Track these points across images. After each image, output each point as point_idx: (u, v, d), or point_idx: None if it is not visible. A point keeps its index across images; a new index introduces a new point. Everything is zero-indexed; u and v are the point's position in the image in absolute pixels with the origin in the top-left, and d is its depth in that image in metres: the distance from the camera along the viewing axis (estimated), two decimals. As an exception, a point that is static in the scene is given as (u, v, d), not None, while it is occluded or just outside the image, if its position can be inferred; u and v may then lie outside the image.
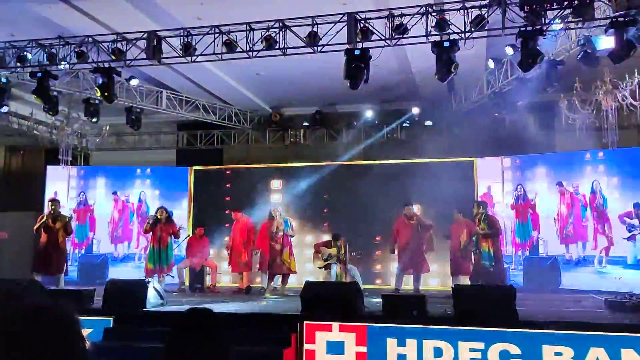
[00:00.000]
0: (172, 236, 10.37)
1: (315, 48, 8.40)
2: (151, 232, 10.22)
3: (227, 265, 11.47)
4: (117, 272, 12.26)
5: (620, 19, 7.23)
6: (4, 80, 9.84)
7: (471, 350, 6.09)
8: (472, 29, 7.81)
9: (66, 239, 10.00)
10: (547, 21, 7.58)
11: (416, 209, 11.05)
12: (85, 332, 1.16)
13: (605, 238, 10.44)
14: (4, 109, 11.23)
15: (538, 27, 7.53)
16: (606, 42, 7.81)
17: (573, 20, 7.52)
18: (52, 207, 9.74)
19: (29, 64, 9.45)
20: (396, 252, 10.61)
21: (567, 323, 6.11)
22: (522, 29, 7.58)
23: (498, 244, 9.62)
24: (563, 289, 10.64)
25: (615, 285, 9.70)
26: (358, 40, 8.12)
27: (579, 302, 8.59)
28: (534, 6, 7.25)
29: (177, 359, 2.01)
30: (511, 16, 7.57)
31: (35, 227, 9.50)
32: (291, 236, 10.60)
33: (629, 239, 9.99)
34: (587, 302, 8.56)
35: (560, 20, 7.66)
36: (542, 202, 11.58)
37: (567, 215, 11.06)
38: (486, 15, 7.74)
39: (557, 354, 5.85)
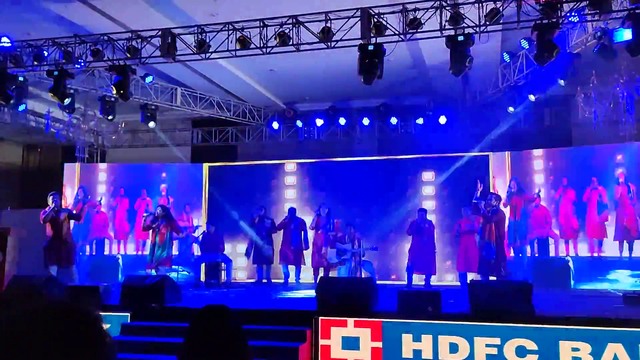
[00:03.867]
0: (172, 232, 10.43)
1: (329, 44, 8.39)
2: (150, 229, 10.34)
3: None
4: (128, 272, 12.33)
5: (638, 11, 7.12)
6: (21, 78, 9.95)
7: (487, 345, 6.06)
8: (487, 23, 7.75)
9: (71, 229, 10.15)
10: (563, 14, 7.49)
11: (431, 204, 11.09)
12: (105, 327, 1.17)
13: (628, 228, 9.99)
14: (22, 107, 11.38)
15: (554, 20, 7.45)
16: (623, 35, 7.71)
17: (589, 12, 7.42)
18: (53, 199, 9.78)
19: (45, 63, 9.55)
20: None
21: (584, 319, 6.05)
22: (538, 21, 7.50)
23: (500, 233, 9.54)
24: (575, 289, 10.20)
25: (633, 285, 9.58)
26: (372, 35, 8.10)
27: (595, 298, 8.50)
28: (550, -1, 7.18)
29: (195, 354, 2.03)
30: (526, 9, 7.50)
31: (43, 217, 9.54)
32: (332, 235, 11.14)
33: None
34: (604, 299, 8.47)
35: (576, 13, 7.57)
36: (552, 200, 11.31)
37: (572, 213, 10.65)
38: (501, 9, 7.67)
39: (575, 349, 5.80)
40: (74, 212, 10.46)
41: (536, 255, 11.11)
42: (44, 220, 9.55)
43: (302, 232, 11.75)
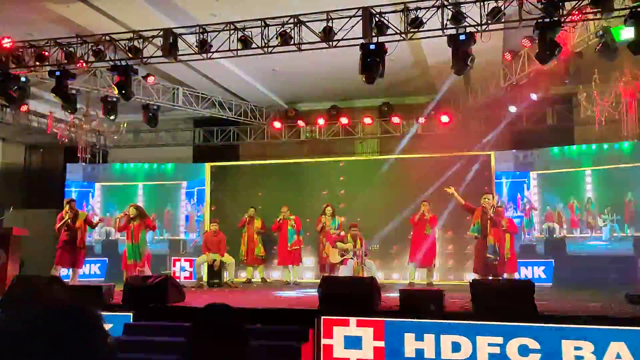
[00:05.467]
0: (147, 229, 10.44)
1: (331, 43, 8.39)
2: (125, 230, 10.37)
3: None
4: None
5: (640, 9, 7.11)
6: (23, 79, 9.95)
7: (489, 345, 6.05)
8: (489, 22, 7.74)
9: (87, 233, 10.30)
10: (565, 12, 7.48)
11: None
12: (106, 327, 1.18)
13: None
14: (24, 107, 11.40)
15: (556, 19, 7.43)
16: (625, 33, 7.69)
17: (591, 10, 7.41)
18: (70, 207, 9.93)
19: (47, 63, 9.55)
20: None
21: (587, 317, 6.04)
22: (540, 20, 7.49)
23: (501, 234, 9.57)
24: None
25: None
26: (373, 34, 8.09)
27: (598, 296, 8.49)
28: (552, -3, 7.16)
29: (198, 354, 2.03)
30: (528, 8, 7.49)
31: (57, 226, 9.77)
32: (337, 234, 11.19)
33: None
34: (608, 297, 8.45)
35: (578, 11, 7.55)
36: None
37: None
38: (503, 7, 7.66)
39: (577, 348, 5.79)
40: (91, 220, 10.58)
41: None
42: (58, 230, 9.75)
43: (297, 230, 11.78)
